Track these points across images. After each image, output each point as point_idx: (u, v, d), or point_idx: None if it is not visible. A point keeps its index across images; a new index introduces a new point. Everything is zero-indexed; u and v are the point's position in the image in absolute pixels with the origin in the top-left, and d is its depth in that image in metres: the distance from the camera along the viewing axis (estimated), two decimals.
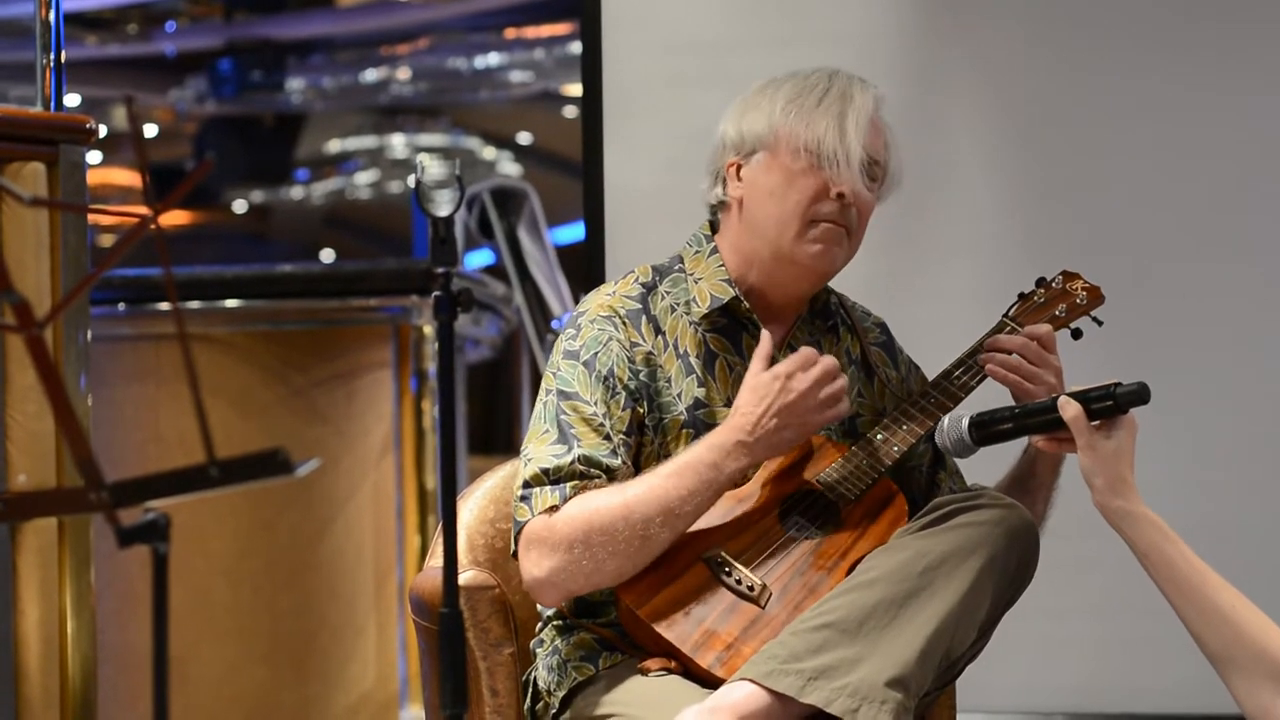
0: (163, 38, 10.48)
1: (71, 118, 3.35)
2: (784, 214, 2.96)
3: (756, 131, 2.99)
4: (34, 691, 3.23)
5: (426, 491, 5.07)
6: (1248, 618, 2.72)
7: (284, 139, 11.01)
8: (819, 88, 2.99)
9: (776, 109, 2.98)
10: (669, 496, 2.82)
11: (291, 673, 4.99)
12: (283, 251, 11.33)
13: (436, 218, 2.55)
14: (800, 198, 2.96)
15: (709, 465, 2.84)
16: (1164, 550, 2.75)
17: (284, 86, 10.38)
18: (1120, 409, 2.79)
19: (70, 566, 3.28)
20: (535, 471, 2.87)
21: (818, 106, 2.96)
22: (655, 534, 2.82)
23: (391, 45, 10.35)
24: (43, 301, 3.22)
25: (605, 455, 2.88)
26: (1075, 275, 3.16)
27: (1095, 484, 2.78)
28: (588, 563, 2.82)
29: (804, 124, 2.96)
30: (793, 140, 2.96)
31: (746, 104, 3.03)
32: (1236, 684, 2.72)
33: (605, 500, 2.83)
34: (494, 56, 10.06)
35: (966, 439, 2.90)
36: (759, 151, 2.99)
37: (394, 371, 5.09)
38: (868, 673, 2.69)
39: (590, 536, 2.81)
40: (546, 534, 2.84)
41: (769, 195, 2.98)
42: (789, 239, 2.97)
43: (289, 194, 11.34)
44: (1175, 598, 2.75)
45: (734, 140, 3.02)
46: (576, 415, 2.90)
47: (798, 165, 2.96)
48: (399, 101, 10.58)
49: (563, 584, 2.85)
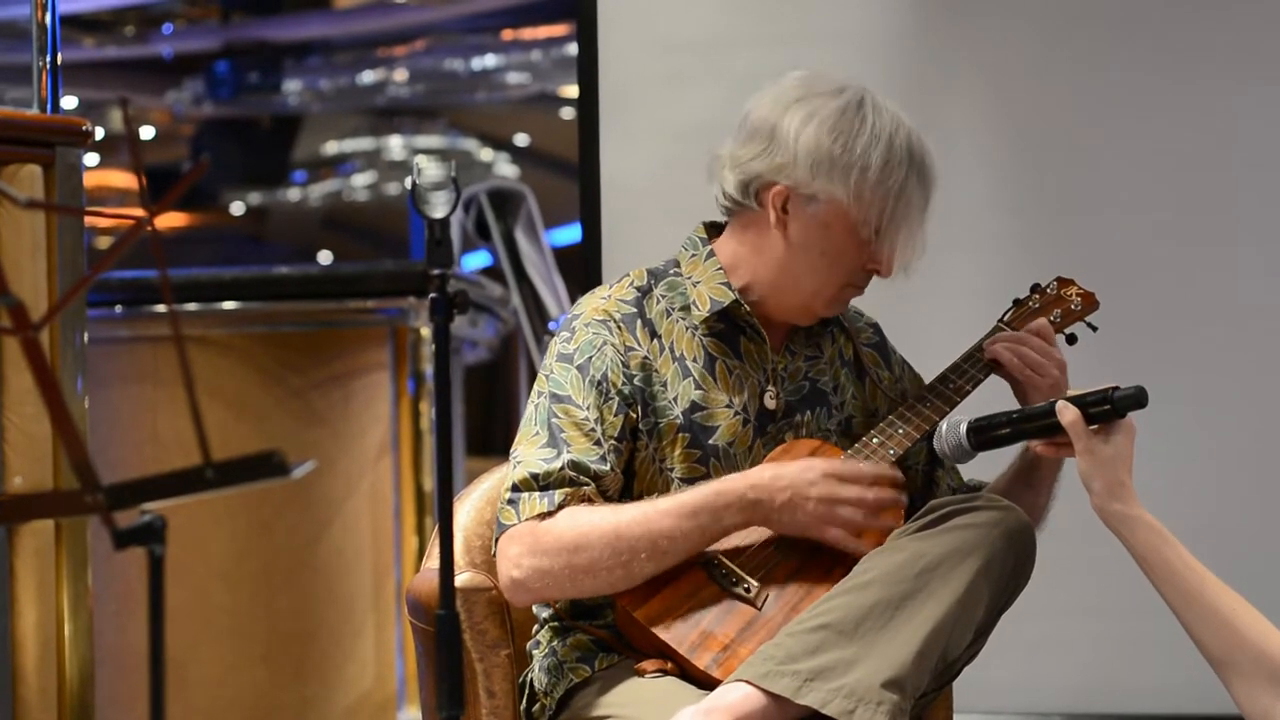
0: (160, 40, 10.48)
1: (68, 120, 3.36)
2: (826, 279, 2.95)
3: (834, 185, 2.89)
4: (31, 693, 3.23)
5: (424, 493, 5.07)
6: (1248, 621, 2.72)
7: (281, 141, 11.00)
8: (904, 164, 2.89)
9: (868, 180, 2.88)
10: (660, 533, 2.81)
11: (289, 674, 4.99)
12: (280, 253, 11.32)
13: (432, 219, 2.55)
14: (849, 269, 2.94)
15: (709, 512, 2.83)
16: (1163, 554, 2.75)
17: (281, 88, 10.38)
18: (1118, 413, 2.79)
19: (68, 568, 3.28)
20: (524, 476, 2.86)
21: (902, 191, 2.89)
22: (639, 566, 2.81)
23: (388, 47, 10.36)
24: (39, 304, 3.22)
25: (594, 461, 2.87)
26: (1070, 281, 3.17)
27: (1093, 488, 2.78)
28: (565, 578, 2.82)
29: (889, 209, 2.89)
30: (869, 216, 2.90)
31: (820, 131, 2.90)
32: (1237, 687, 2.72)
33: (596, 520, 2.82)
34: (491, 58, 10.07)
35: (965, 444, 2.90)
36: (823, 202, 2.92)
37: (391, 373, 5.09)
38: (864, 674, 2.69)
39: (574, 555, 2.80)
40: (531, 540, 2.83)
41: (821, 254, 2.93)
42: (819, 300, 2.97)
43: (286, 196, 11.33)
44: (1175, 601, 2.75)
45: (798, 167, 2.91)
46: (568, 419, 2.89)
47: (858, 238, 2.92)
48: (396, 103, 10.58)
49: (538, 590, 2.85)
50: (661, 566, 2.83)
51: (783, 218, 2.94)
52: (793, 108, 2.93)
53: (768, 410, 3.00)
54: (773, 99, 2.96)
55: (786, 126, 2.92)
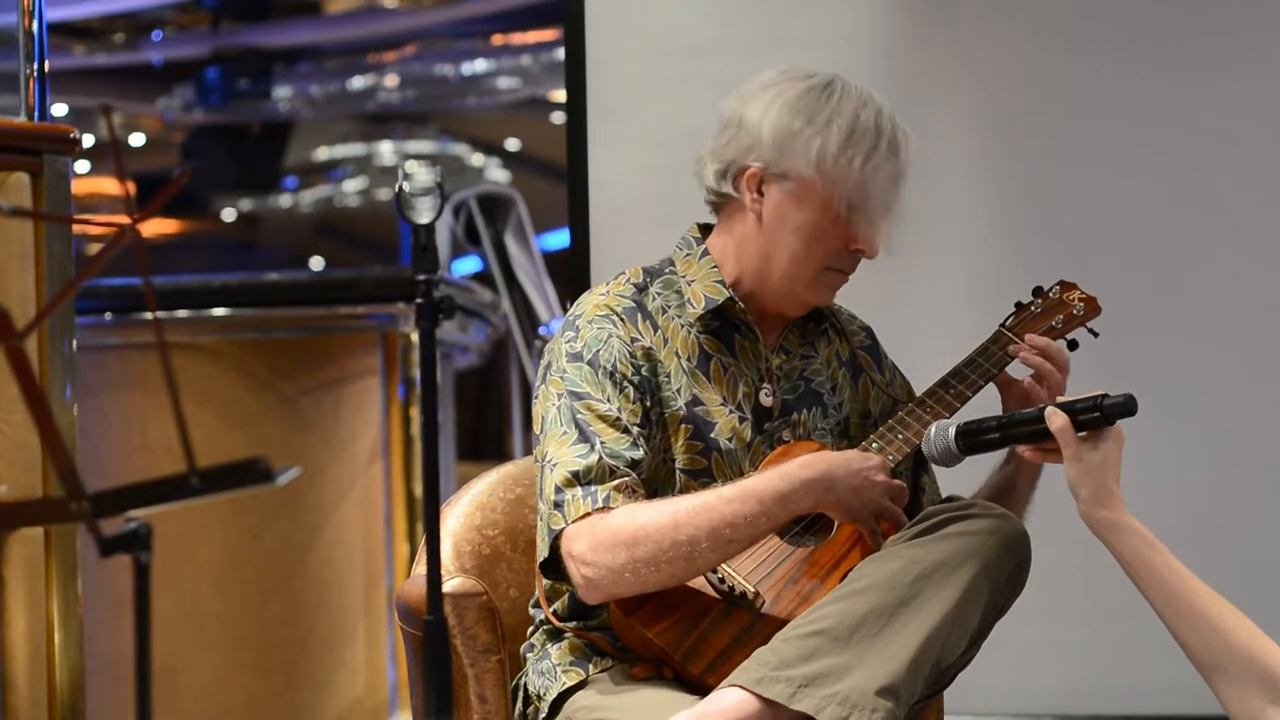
0: (149, 47, 10.48)
1: (55, 128, 3.35)
2: (804, 258, 2.95)
3: (797, 159, 2.91)
4: (22, 702, 3.23)
5: (415, 499, 5.07)
6: (1235, 625, 2.72)
7: (272, 147, 11.00)
8: (870, 134, 2.90)
9: (829, 150, 2.89)
10: (723, 520, 2.79)
11: (281, 680, 4.98)
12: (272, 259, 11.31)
13: (418, 225, 2.56)
14: (826, 249, 2.95)
15: (777, 497, 2.82)
16: (1150, 560, 2.75)
17: (271, 94, 10.38)
18: (1107, 420, 2.79)
19: (57, 576, 3.27)
20: (565, 476, 2.85)
21: (868, 161, 2.89)
22: (701, 556, 2.79)
23: (379, 52, 10.36)
24: (28, 312, 3.21)
25: (627, 449, 2.86)
26: (1072, 285, 3.16)
27: (1081, 494, 2.78)
28: (629, 573, 2.79)
29: (855, 178, 2.89)
30: (839, 190, 2.90)
31: (785, 110, 2.93)
32: (1224, 692, 2.72)
33: (653, 513, 2.80)
34: (481, 63, 10.07)
35: (953, 448, 2.90)
36: (793, 179, 2.93)
37: (382, 379, 5.09)
38: (858, 681, 2.69)
39: (634, 549, 2.78)
40: (590, 538, 2.80)
41: (794, 231, 2.94)
42: (800, 283, 2.98)
43: (277, 202, 11.33)
44: (1162, 607, 2.75)
45: (765, 146, 2.94)
46: (592, 413, 2.88)
47: (831, 213, 2.92)
48: (387, 108, 10.58)
49: (607, 587, 2.81)
50: (726, 555, 2.82)
51: (758, 199, 2.96)
52: (760, 94, 2.97)
53: (764, 408, 3.00)
54: (744, 91, 2.99)
55: (754, 109, 2.95)
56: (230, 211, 11.31)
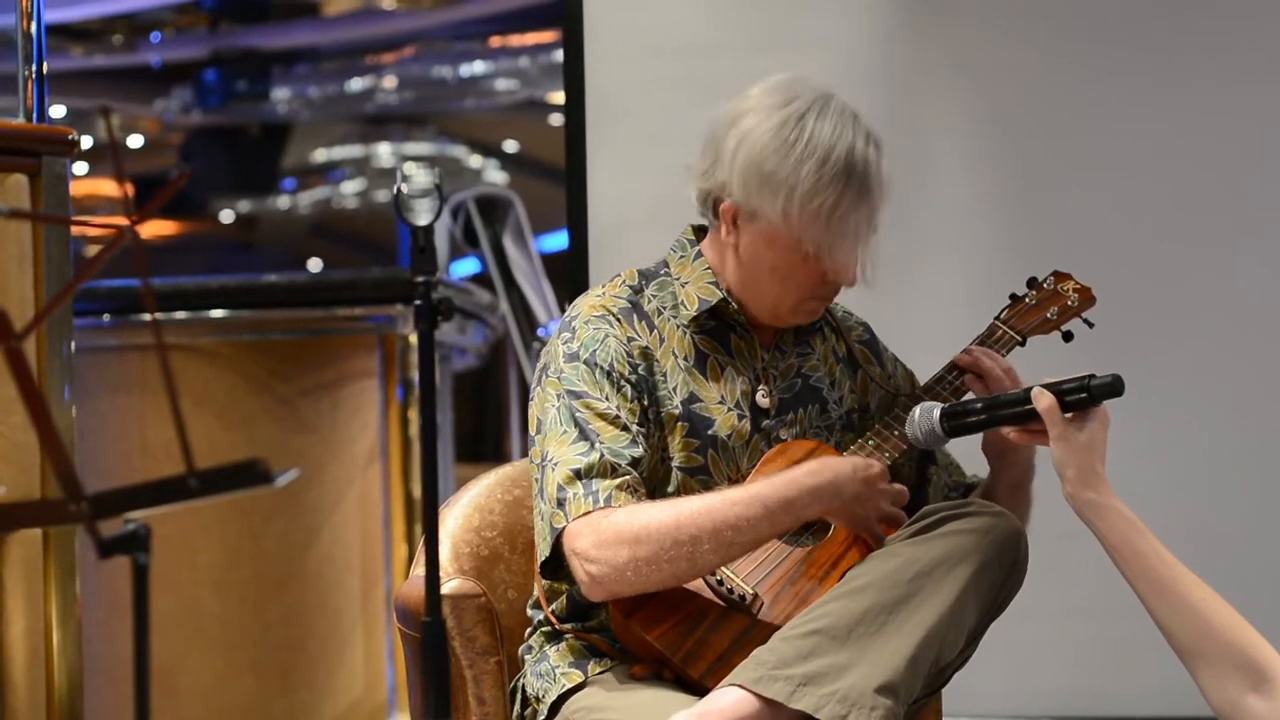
0: (148, 48, 10.47)
1: (53, 129, 3.35)
2: (781, 291, 2.96)
3: (764, 204, 2.90)
4: (20, 703, 3.23)
5: (413, 500, 5.07)
6: (1217, 611, 2.72)
7: (270, 148, 10.99)
8: (839, 177, 2.88)
9: (795, 198, 2.88)
10: (724, 522, 2.80)
11: (279, 682, 4.98)
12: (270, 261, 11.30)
13: (416, 227, 2.56)
14: (801, 284, 2.95)
15: (781, 502, 2.83)
16: (1134, 543, 2.75)
17: (269, 96, 10.38)
18: (1094, 401, 2.79)
19: (56, 577, 3.27)
20: (566, 474, 2.85)
21: (835, 209, 2.88)
22: (702, 557, 2.80)
23: (377, 54, 10.35)
24: (27, 314, 3.21)
25: (627, 446, 2.87)
26: (1067, 276, 3.16)
27: (1067, 475, 2.78)
28: (630, 571, 2.80)
29: (822, 225, 2.88)
30: (806, 237, 2.90)
31: (755, 149, 2.91)
32: (1204, 678, 2.72)
33: (656, 512, 2.81)
34: (479, 65, 10.07)
35: (938, 429, 2.90)
36: (762, 218, 2.93)
37: (380, 380, 5.08)
38: (857, 679, 2.70)
39: (636, 547, 2.79)
40: (593, 535, 2.81)
41: (770, 269, 2.95)
42: (783, 308, 2.99)
43: (275, 203, 11.32)
44: (1145, 591, 2.74)
45: (735, 186, 2.93)
46: (591, 412, 2.89)
47: (801, 253, 2.92)
48: (385, 110, 10.57)
49: (610, 585, 2.82)
50: (728, 558, 2.83)
51: (734, 230, 2.97)
52: (737, 123, 2.94)
53: (761, 407, 3.01)
54: (726, 112, 2.98)
55: (727, 145, 2.94)
56: (228, 213, 11.30)
